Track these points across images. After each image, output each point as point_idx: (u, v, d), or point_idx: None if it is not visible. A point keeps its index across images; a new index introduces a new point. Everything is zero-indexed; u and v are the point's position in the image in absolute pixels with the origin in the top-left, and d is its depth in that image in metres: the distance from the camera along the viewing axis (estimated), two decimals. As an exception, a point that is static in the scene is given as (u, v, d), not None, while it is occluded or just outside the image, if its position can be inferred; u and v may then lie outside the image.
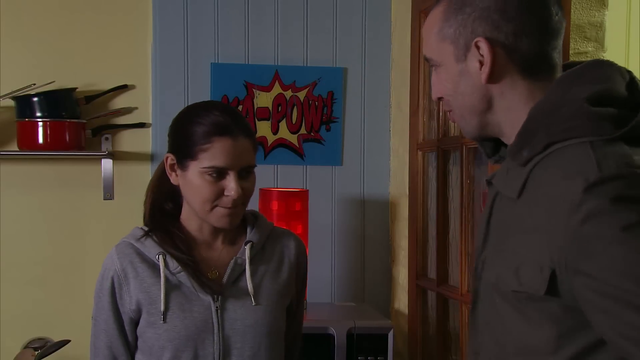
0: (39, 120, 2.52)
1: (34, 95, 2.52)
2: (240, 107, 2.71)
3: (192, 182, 1.53)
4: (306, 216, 2.56)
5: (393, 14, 2.82)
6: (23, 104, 2.53)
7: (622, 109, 1.04)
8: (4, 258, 2.66)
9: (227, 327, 1.55)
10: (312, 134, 2.79)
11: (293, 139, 2.78)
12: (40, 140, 2.53)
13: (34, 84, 2.53)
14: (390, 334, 2.35)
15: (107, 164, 2.68)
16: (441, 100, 1.21)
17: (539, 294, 1.02)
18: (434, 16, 1.18)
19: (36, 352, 2.44)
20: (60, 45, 2.67)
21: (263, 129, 2.74)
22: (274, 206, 2.50)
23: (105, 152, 2.63)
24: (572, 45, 1.82)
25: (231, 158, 1.50)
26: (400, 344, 2.64)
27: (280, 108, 2.76)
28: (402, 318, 2.67)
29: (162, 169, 1.64)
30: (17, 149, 2.57)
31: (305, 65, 2.78)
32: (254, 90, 2.74)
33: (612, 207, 0.94)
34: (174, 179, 1.58)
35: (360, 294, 2.84)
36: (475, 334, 1.22)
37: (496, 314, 1.12)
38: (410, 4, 2.57)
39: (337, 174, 2.82)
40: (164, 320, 1.52)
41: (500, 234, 1.14)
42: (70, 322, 2.60)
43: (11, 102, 2.56)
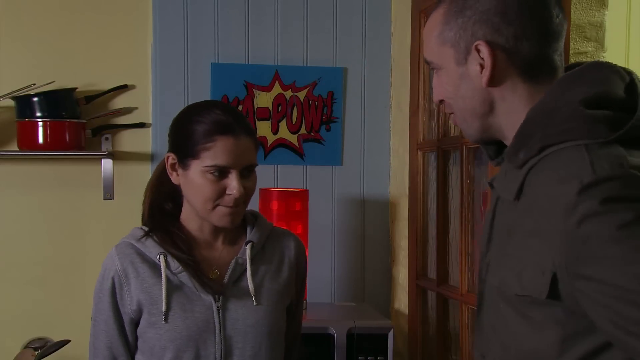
0: (39, 120, 2.52)
1: (34, 95, 2.52)
2: (240, 107, 2.70)
3: (194, 181, 1.52)
4: (306, 216, 2.56)
5: (393, 14, 2.81)
6: (23, 104, 2.53)
7: (619, 111, 1.03)
8: (4, 258, 2.67)
9: (228, 327, 1.55)
10: (312, 134, 2.79)
11: (293, 139, 2.78)
12: (40, 140, 2.53)
13: (34, 84, 2.53)
14: (390, 334, 2.35)
15: (107, 164, 2.68)
16: (442, 103, 1.21)
17: (541, 298, 1.01)
18: (434, 19, 1.17)
19: (36, 352, 2.44)
20: (60, 45, 2.67)
21: (263, 129, 2.74)
22: (274, 206, 2.50)
23: (105, 152, 2.63)
24: (572, 45, 1.82)
25: (233, 157, 1.50)
26: (400, 344, 2.64)
27: (280, 108, 2.76)
28: (402, 318, 2.67)
29: (161, 169, 1.64)
30: (17, 149, 2.57)
31: (305, 65, 2.78)
32: (254, 90, 2.74)
33: (607, 207, 0.94)
34: (174, 179, 1.58)
35: (360, 294, 2.84)
36: (480, 336, 1.22)
37: (501, 317, 1.12)
38: (410, 4, 2.57)
39: (337, 174, 2.82)
40: (166, 320, 1.52)
41: (503, 237, 1.14)
42: (70, 322, 2.60)
43: (11, 102, 2.56)
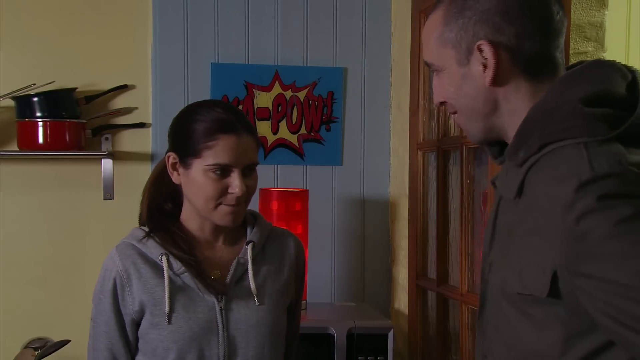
0: (39, 120, 2.52)
1: (34, 95, 2.52)
2: (240, 107, 2.70)
3: (196, 180, 1.52)
4: (306, 216, 2.56)
5: (393, 14, 2.81)
6: (23, 104, 2.53)
7: (620, 109, 1.03)
8: (4, 258, 2.66)
9: (231, 327, 1.54)
10: (312, 134, 2.79)
11: (293, 139, 2.78)
12: (40, 140, 2.52)
13: (34, 84, 2.53)
14: (390, 334, 2.34)
15: (107, 164, 2.68)
16: (443, 105, 1.21)
17: (542, 297, 1.01)
18: (434, 21, 1.17)
19: (36, 352, 2.44)
20: (60, 45, 2.67)
21: (263, 129, 2.74)
22: (274, 206, 2.50)
23: (105, 152, 2.63)
24: (572, 45, 1.82)
25: (235, 155, 1.50)
26: (400, 344, 2.64)
27: (280, 108, 2.76)
28: (402, 318, 2.67)
29: (160, 169, 1.64)
30: (17, 149, 2.57)
31: (305, 65, 2.78)
32: (254, 90, 2.74)
33: (605, 203, 0.94)
34: (175, 178, 1.57)
35: (360, 294, 2.84)
36: (482, 336, 1.21)
37: (503, 317, 1.12)
38: (410, 4, 2.57)
39: (337, 174, 2.82)
40: (169, 321, 1.51)
41: (505, 236, 1.14)
42: (70, 322, 2.60)
43: (11, 102, 2.56)
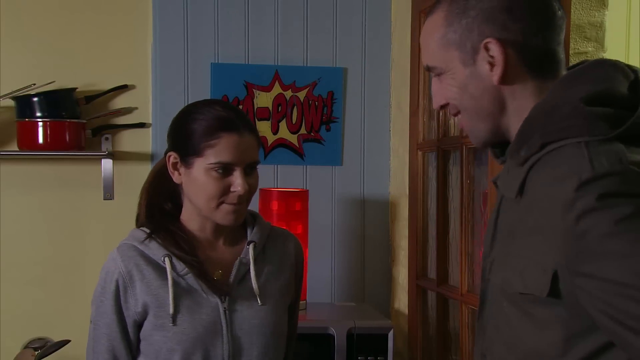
0: (39, 120, 2.52)
1: (34, 95, 2.52)
2: (240, 107, 2.70)
3: (198, 179, 1.51)
4: (306, 216, 2.56)
5: (393, 14, 2.81)
6: (23, 104, 2.53)
7: (621, 108, 1.03)
8: (4, 258, 2.66)
9: (235, 328, 1.54)
10: (312, 134, 2.79)
11: (293, 139, 2.78)
12: (40, 140, 2.52)
13: (34, 84, 2.53)
14: (390, 334, 2.34)
15: (107, 164, 2.68)
16: (444, 109, 1.20)
17: (542, 296, 1.01)
18: (434, 23, 1.16)
19: (36, 352, 2.43)
20: (60, 45, 2.67)
21: (263, 129, 2.73)
22: (274, 206, 2.50)
23: (105, 152, 2.63)
24: (572, 45, 1.82)
25: (237, 154, 1.50)
26: (400, 344, 2.64)
27: (280, 108, 2.76)
28: (402, 318, 2.67)
29: (159, 169, 1.63)
30: (17, 149, 2.57)
31: (305, 65, 2.78)
32: (254, 90, 2.74)
33: (605, 202, 0.94)
34: (176, 178, 1.56)
35: (360, 294, 2.84)
36: (482, 336, 1.21)
37: (504, 316, 1.12)
38: (410, 4, 2.57)
39: (337, 174, 2.82)
40: (174, 323, 1.50)
41: (507, 235, 1.13)
42: (70, 322, 2.60)
43: (11, 102, 2.56)
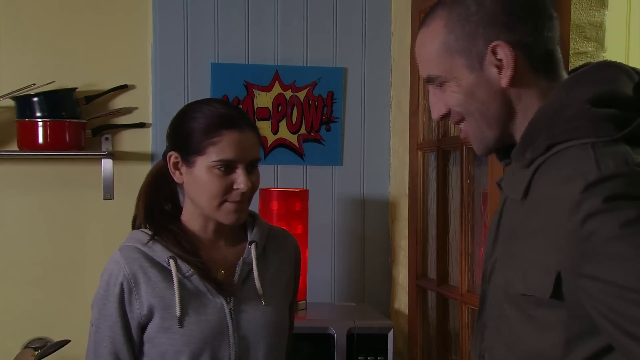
0: (39, 120, 2.52)
1: (34, 95, 2.52)
2: (240, 107, 2.70)
3: (200, 178, 1.51)
4: (306, 216, 2.56)
5: (393, 14, 2.81)
6: (23, 104, 2.53)
7: (627, 110, 1.03)
8: (4, 258, 2.66)
9: (241, 328, 1.54)
10: (312, 134, 2.79)
11: (293, 139, 2.78)
12: (40, 140, 2.52)
13: (34, 84, 2.53)
14: (390, 334, 2.34)
15: (107, 164, 2.68)
16: (444, 118, 1.19)
17: (545, 298, 1.01)
18: (432, 32, 1.15)
19: (36, 352, 2.43)
20: (60, 45, 2.67)
21: (263, 129, 2.73)
22: (274, 206, 2.50)
23: (105, 152, 2.63)
24: (572, 45, 1.82)
25: (240, 151, 1.49)
26: (400, 344, 2.64)
27: (280, 108, 2.76)
28: (402, 318, 2.67)
29: (158, 170, 1.62)
30: (17, 149, 2.57)
31: (305, 65, 2.78)
32: (254, 90, 2.74)
33: (611, 205, 0.94)
34: (178, 178, 1.56)
35: (360, 294, 2.83)
36: (480, 337, 1.21)
37: (504, 318, 1.11)
38: (410, 4, 2.57)
39: (337, 174, 2.82)
40: (181, 325, 1.49)
41: (510, 237, 1.13)
42: (70, 322, 2.60)
43: (11, 102, 2.56)
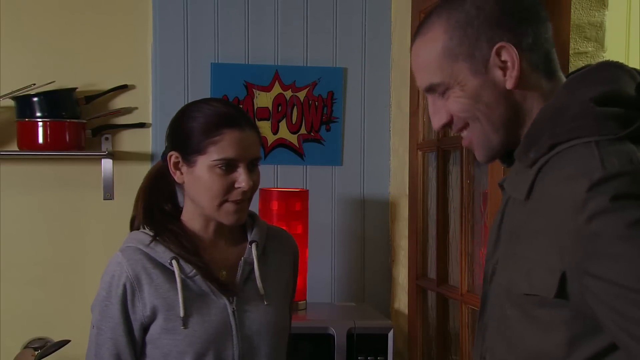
0: (39, 120, 2.52)
1: (34, 95, 2.52)
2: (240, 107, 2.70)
3: (201, 177, 1.50)
4: (306, 216, 2.56)
5: (393, 14, 2.81)
6: (23, 104, 2.53)
7: (630, 109, 1.03)
8: (4, 258, 2.66)
9: (244, 328, 1.54)
10: (312, 134, 2.79)
11: (293, 139, 2.78)
12: (40, 140, 2.52)
13: (34, 84, 2.53)
14: (390, 334, 2.35)
15: (107, 164, 2.68)
16: (446, 127, 1.18)
17: (549, 297, 1.01)
18: (431, 40, 1.14)
19: (36, 352, 2.44)
20: (60, 45, 2.67)
21: (263, 129, 2.73)
22: (274, 206, 2.50)
23: (105, 152, 2.63)
24: (572, 45, 1.82)
25: (241, 149, 1.49)
26: (400, 344, 2.64)
27: (280, 108, 2.76)
28: (402, 318, 2.67)
29: (157, 171, 1.62)
30: (17, 149, 2.57)
31: (305, 65, 2.78)
32: (254, 90, 2.74)
33: (616, 204, 0.94)
34: (178, 178, 1.55)
35: (360, 294, 2.84)
36: (482, 338, 1.21)
37: (506, 319, 1.11)
38: (410, 4, 2.57)
39: (337, 174, 2.82)
40: (185, 326, 1.49)
41: (512, 237, 1.13)
42: (70, 322, 2.60)
43: (11, 102, 2.56)
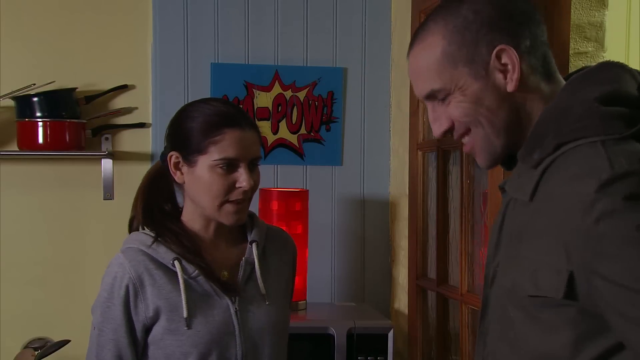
0: (39, 120, 2.52)
1: (34, 95, 2.52)
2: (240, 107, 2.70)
3: (202, 177, 1.50)
4: (306, 216, 2.56)
5: (393, 14, 2.81)
6: (23, 104, 2.53)
7: (633, 108, 1.03)
8: (4, 258, 2.66)
9: (247, 328, 1.54)
10: (312, 134, 2.79)
11: (293, 139, 2.78)
12: (40, 140, 2.52)
13: (34, 84, 2.53)
14: (390, 334, 2.35)
15: (107, 164, 2.68)
16: (447, 134, 1.17)
17: (557, 298, 1.00)
18: (431, 46, 1.14)
19: (36, 352, 2.44)
20: (60, 45, 2.67)
21: (263, 129, 2.73)
22: (274, 206, 2.50)
23: (105, 152, 2.63)
24: (572, 45, 1.82)
25: (242, 149, 1.49)
26: (400, 344, 2.64)
27: (280, 108, 2.76)
28: (402, 318, 2.67)
29: (156, 171, 1.62)
30: (17, 149, 2.57)
31: (305, 65, 2.78)
32: (254, 90, 2.74)
33: (626, 205, 0.93)
34: (179, 178, 1.55)
35: (360, 294, 2.83)
36: (483, 343, 1.20)
37: (509, 321, 1.10)
38: (410, 4, 2.57)
39: (337, 174, 2.82)
40: (189, 326, 1.49)
41: (514, 239, 1.12)
42: (70, 322, 2.60)
43: (11, 102, 2.56)
